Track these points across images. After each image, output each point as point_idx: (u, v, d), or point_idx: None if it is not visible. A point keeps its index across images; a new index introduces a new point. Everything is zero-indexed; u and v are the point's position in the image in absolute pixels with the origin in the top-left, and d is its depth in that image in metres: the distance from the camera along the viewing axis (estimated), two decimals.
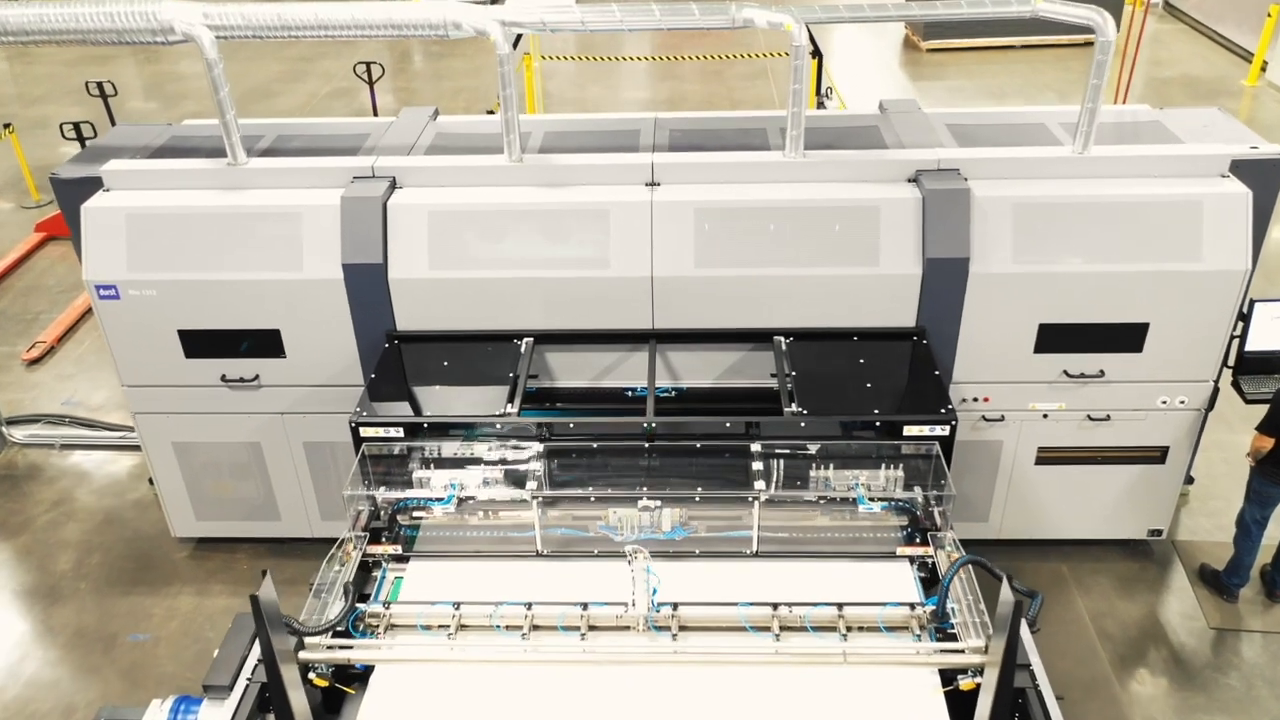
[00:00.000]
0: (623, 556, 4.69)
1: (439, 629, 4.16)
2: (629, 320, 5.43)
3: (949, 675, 3.94)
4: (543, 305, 5.41)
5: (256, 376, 5.73)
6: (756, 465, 4.64)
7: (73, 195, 5.61)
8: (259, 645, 3.67)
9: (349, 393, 5.65)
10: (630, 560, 3.96)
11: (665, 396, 5.58)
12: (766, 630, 4.11)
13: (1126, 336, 5.40)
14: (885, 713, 3.84)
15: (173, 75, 16.05)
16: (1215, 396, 5.63)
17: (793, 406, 4.84)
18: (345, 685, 4.04)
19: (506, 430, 4.86)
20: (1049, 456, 5.82)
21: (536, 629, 4.14)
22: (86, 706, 5.46)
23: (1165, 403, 5.60)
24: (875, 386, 5.02)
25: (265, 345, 5.61)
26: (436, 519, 4.81)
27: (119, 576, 6.33)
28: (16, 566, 6.47)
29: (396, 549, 4.73)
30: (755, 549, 4.67)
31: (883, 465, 4.77)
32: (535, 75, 12.34)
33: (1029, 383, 5.57)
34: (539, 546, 4.71)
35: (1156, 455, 5.79)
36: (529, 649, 4.05)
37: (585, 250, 5.32)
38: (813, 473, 4.80)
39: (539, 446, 4.83)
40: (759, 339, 5.43)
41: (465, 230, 5.35)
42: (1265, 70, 14.16)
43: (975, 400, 5.65)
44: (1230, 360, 5.63)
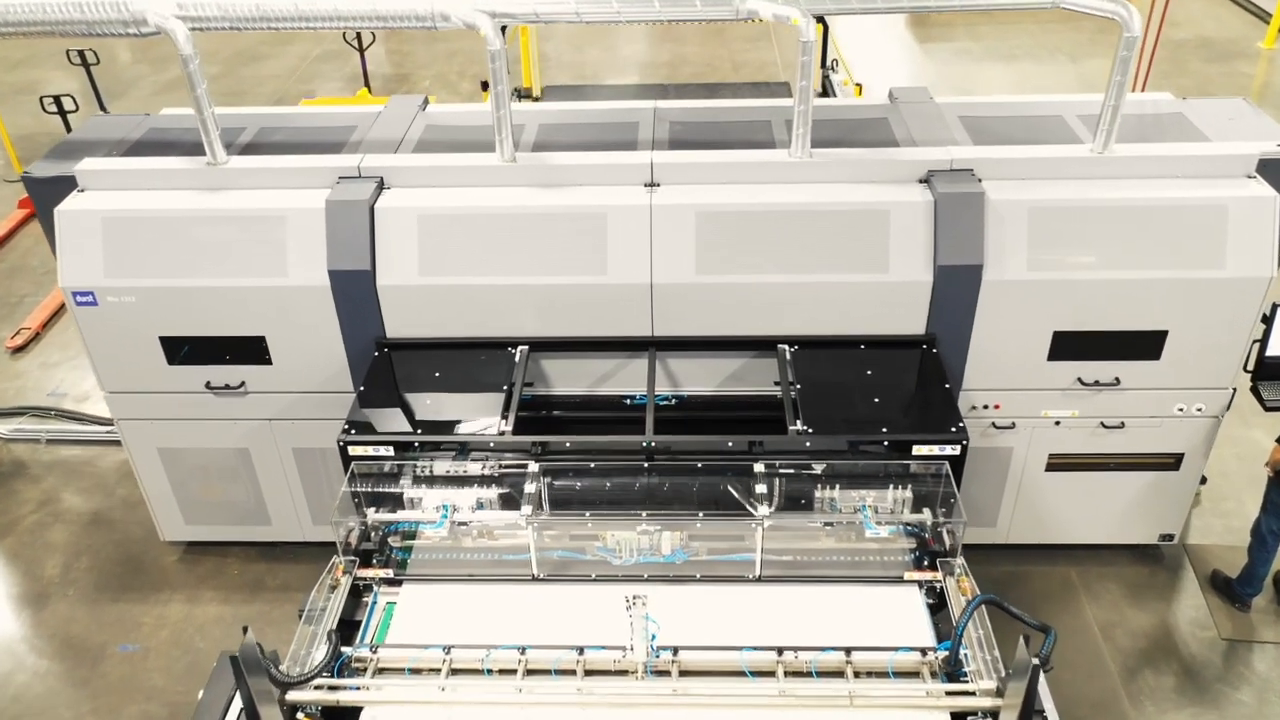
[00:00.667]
0: (621, 580, 4.62)
1: (429, 673, 4.02)
2: (627, 328, 5.23)
3: (958, 715, 3.81)
4: (538, 312, 5.21)
5: (242, 383, 5.54)
6: (759, 488, 4.48)
7: (46, 195, 5.38)
8: (240, 697, 3.55)
9: (339, 399, 5.47)
10: (629, 607, 3.81)
11: (665, 405, 5.40)
12: (770, 675, 3.97)
13: (1144, 344, 5.20)
14: None
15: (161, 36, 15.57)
16: (1232, 400, 5.45)
17: (797, 424, 4.66)
18: None
19: (500, 450, 4.69)
20: (1060, 463, 5.65)
21: (531, 673, 4.00)
22: None
23: (1182, 410, 5.42)
24: (883, 401, 4.84)
25: (250, 352, 5.41)
26: (429, 541, 4.65)
27: (108, 582, 6.20)
28: (4, 571, 6.34)
29: (388, 573, 4.58)
30: (759, 573, 4.52)
31: (890, 486, 4.62)
32: (531, 37, 11.95)
33: (1041, 390, 5.38)
34: (535, 570, 4.56)
35: (1171, 462, 5.63)
36: (523, 689, 3.92)
37: (582, 256, 5.10)
38: (818, 493, 4.64)
39: (534, 466, 4.66)
40: (762, 346, 5.24)
41: (456, 235, 5.12)
42: None
43: (985, 408, 5.46)
44: (1249, 364, 5.44)
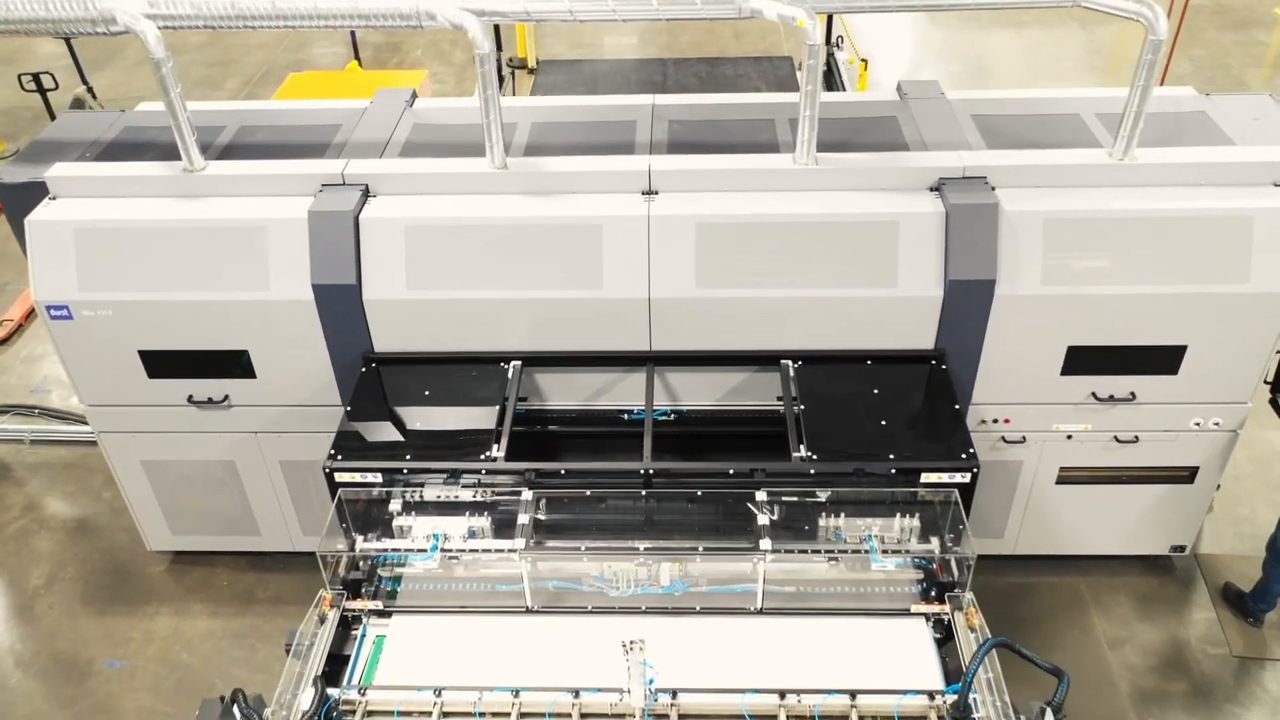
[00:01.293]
0: (618, 612, 4.48)
1: (420, 716, 3.88)
2: (624, 342, 5.02)
3: None
4: (531, 327, 5.00)
5: (226, 397, 5.35)
6: (762, 520, 4.31)
7: (17, 201, 5.14)
8: None
9: (327, 412, 5.29)
10: (627, 652, 3.66)
11: (664, 420, 5.22)
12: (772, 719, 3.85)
13: (1161, 359, 5.00)
14: None
15: None
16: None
17: (801, 450, 4.48)
18: None
19: (493, 476, 4.52)
20: (1071, 476, 5.48)
21: (525, 717, 3.87)
22: None
23: (1199, 424, 5.24)
24: (890, 424, 4.65)
25: (233, 366, 5.21)
26: (420, 571, 4.50)
27: (94, 593, 6.06)
28: None
29: (377, 605, 4.44)
30: (760, 606, 4.37)
31: (897, 514, 4.46)
32: None
33: (1053, 404, 5.20)
34: (529, 603, 4.41)
35: (1185, 475, 5.46)
36: None
37: (576, 269, 4.88)
38: (822, 521, 4.48)
39: (528, 494, 4.50)
40: (764, 361, 5.04)
41: (445, 247, 4.90)
42: None
43: (995, 421, 5.28)
44: (1270, 376, 5.26)
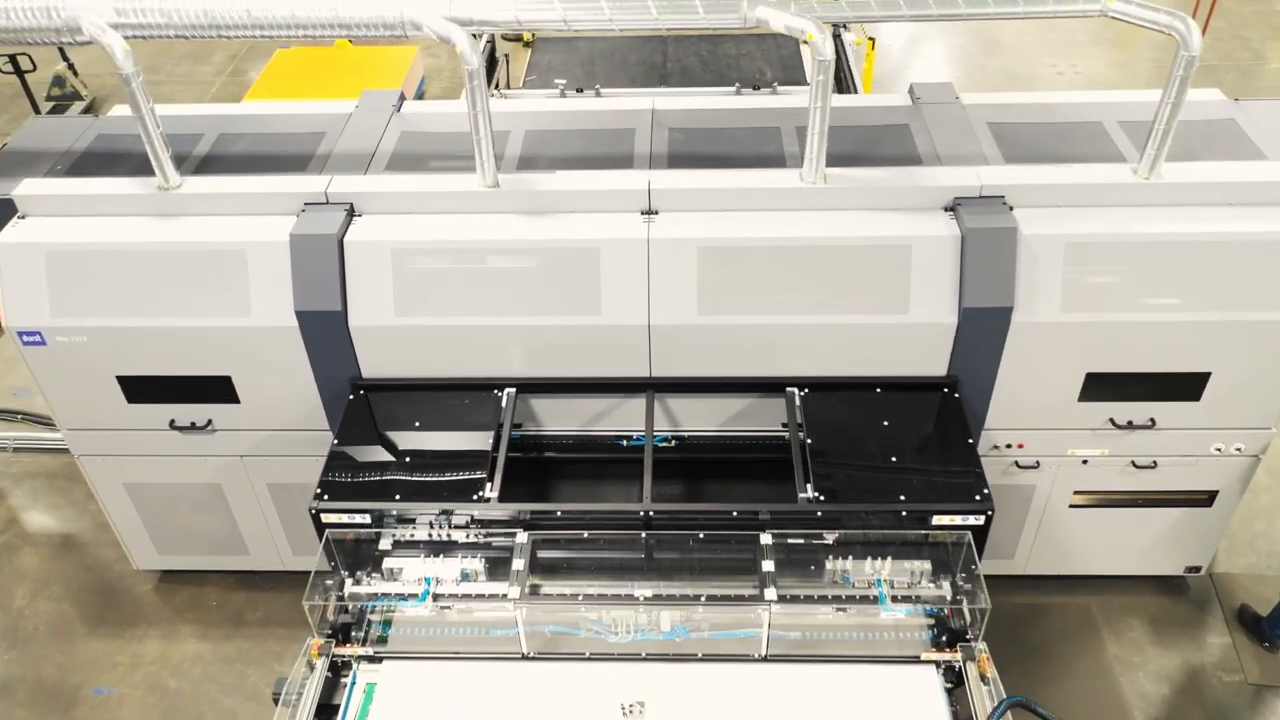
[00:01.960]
0: (617, 658, 4.32)
1: None
2: (623, 369, 4.81)
3: None
4: (526, 354, 4.78)
5: (209, 422, 5.15)
6: (766, 565, 4.14)
7: None
8: None
9: (314, 435, 5.11)
10: (625, 715, 3.51)
11: (665, 446, 5.02)
12: None
13: (1183, 386, 4.80)
14: None
15: None
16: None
17: (808, 490, 4.29)
18: None
19: (486, 517, 4.34)
20: (1085, 500, 5.31)
21: None
22: None
23: (1219, 450, 5.05)
24: (900, 460, 4.45)
25: (216, 391, 5.00)
26: (412, 615, 4.34)
27: (80, 615, 5.91)
28: None
29: (368, 651, 4.28)
30: (765, 653, 4.21)
31: (908, 557, 4.28)
32: None
33: (1069, 430, 5.00)
34: (524, 649, 4.25)
35: (1204, 499, 5.29)
36: None
37: (573, 294, 4.65)
38: (829, 564, 4.30)
39: (523, 537, 4.31)
40: (769, 389, 4.83)
41: (435, 271, 4.66)
42: None
43: (1009, 447, 5.09)
44: None
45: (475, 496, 4.32)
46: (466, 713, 4.06)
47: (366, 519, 4.34)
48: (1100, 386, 4.80)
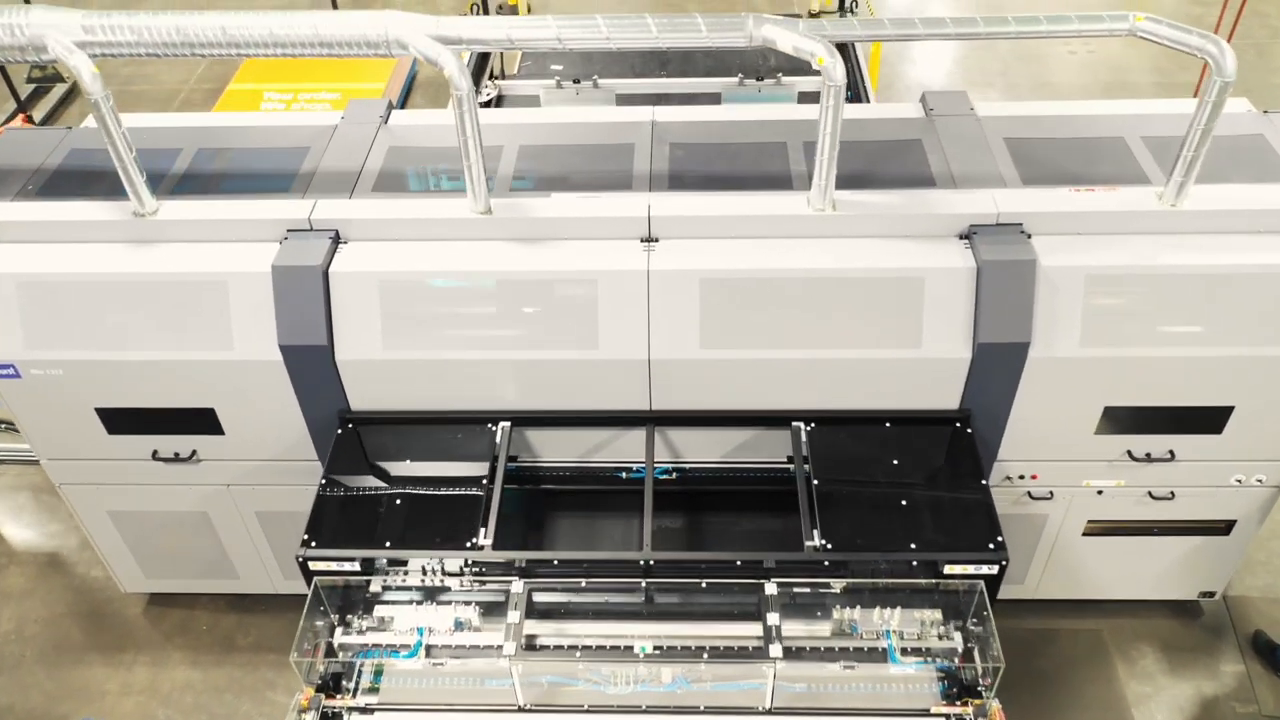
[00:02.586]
0: (616, 710, 4.19)
1: None
2: (621, 402, 4.62)
3: None
4: (520, 389, 4.59)
5: (194, 453, 4.97)
6: (771, 619, 3.98)
7: None
8: None
9: (303, 465, 4.94)
10: None
11: (666, 479, 4.85)
12: None
13: (1205, 419, 4.61)
14: None
15: None
16: None
17: (815, 537, 4.12)
18: None
19: (479, 564, 4.18)
20: (1099, 529, 5.15)
21: None
22: None
23: (1240, 481, 4.88)
24: (911, 504, 4.27)
25: (199, 423, 4.81)
26: (404, 665, 4.19)
27: (67, 640, 5.77)
28: None
29: (359, 702, 4.15)
30: (769, 706, 4.08)
31: (918, 605, 4.14)
32: None
33: (1085, 461, 4.83)
34: (520, 701, 4.12)
35: (1221, 528, 5.13)
36: None
37: (569, 327, 4.44)
38: (836, 614, 4.15)
39: (518, 586, 4.16)
40: (774, 423, 4.64)
41: (425, 302, 4.45)
42: None
43: (1021, 478, 4.92)
44: None
45: (469, 544, 4.16)
46: None
47: (356, 565, 4.19)
48: (1118, 419, 4.62)
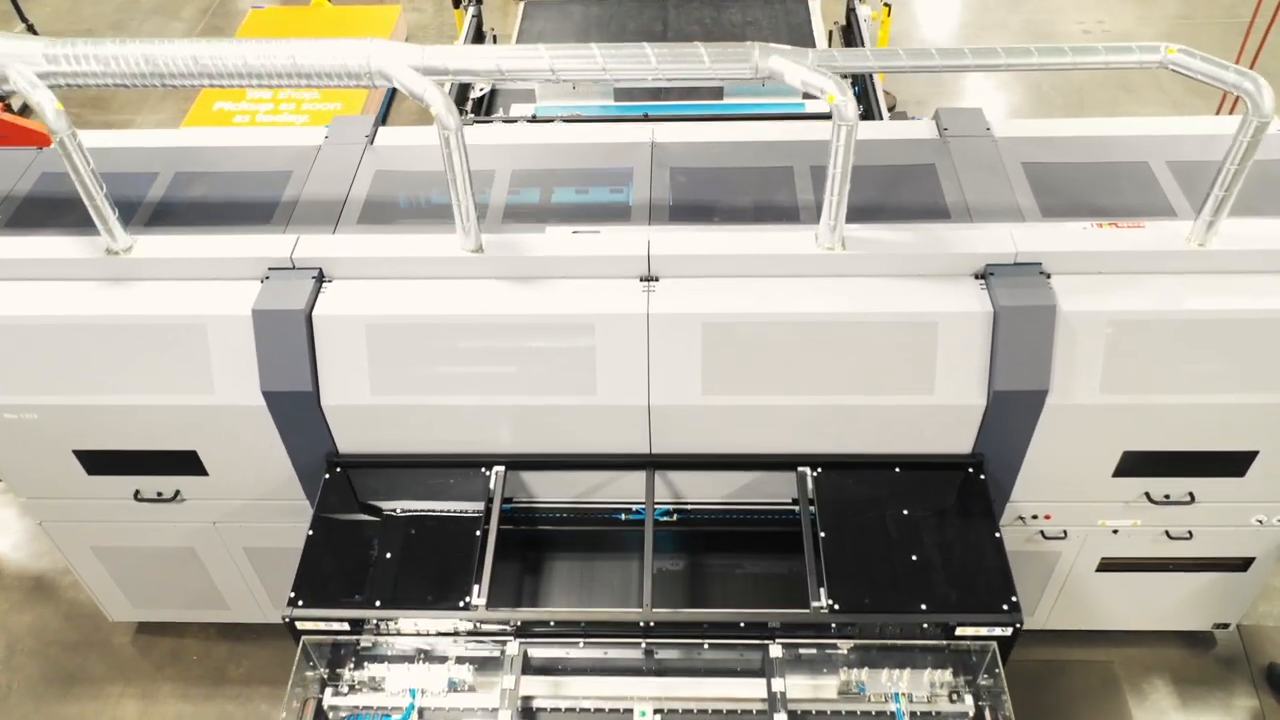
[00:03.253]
0: None
1: None
2: (620, 446, 4.44)
3: None
4: (514, 434, 4.41)
5: (177, 493, 4.80)
6: (776, 685, 3.84)
7: None
8: None
9: (290, 505, 4.77)
10: None
11: (666, 521, 4.69)
12: None
13: (1228, 463, 4.44)
14: None
15: None
16: None
17: (821, 597, 3.96)
18: None
19: (473, 624, 4.03)
20: (1113, 565, 5.00)
21: None
22: None
23: (1260, 521, 4.72)
24: (922, 557, 4.11)
25: (182, 464, 4.64)
26: None
27: (55, 672, 5.65)
28: None
29: None
30: None
31: (927, 666, 4.00)
32: None
33: (1101, 502, 4.66)
34: None
35: (1239, 565, 4.98)
36: None
37: (566, 373, 4.24)
38: (843, 675, 4.02)
39: (513, 647, 4.01)
40: (779, 467, 4.47)
41: (413, 347, 4.25)
42: None
43: (1035, 518, 4.76)
44: None
45: (461, 604, 4.00)
46: None
47: (345, 625, 4.04)
48: (1137, 463, 4.44)
